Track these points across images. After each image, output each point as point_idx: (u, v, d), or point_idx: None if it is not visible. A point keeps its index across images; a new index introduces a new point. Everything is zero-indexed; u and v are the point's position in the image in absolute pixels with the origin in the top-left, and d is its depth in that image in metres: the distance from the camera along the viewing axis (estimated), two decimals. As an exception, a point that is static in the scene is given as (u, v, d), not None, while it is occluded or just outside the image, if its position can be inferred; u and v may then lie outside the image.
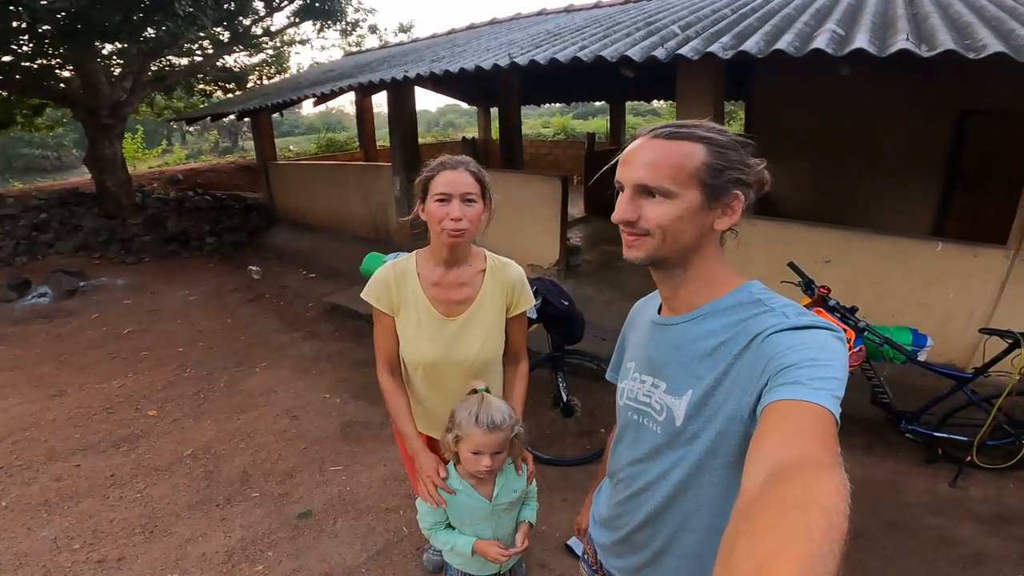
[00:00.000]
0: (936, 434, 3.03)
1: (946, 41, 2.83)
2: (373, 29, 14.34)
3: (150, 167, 14.06)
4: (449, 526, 1.63)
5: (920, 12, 3.75)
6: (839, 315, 2.92)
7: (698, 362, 0.94)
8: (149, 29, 7.59)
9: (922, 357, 2.96)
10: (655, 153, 0.90)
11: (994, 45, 2.68)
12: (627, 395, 1.10)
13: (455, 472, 1.57)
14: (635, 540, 1.09)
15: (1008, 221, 3.63)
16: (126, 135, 11.29)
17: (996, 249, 3.52)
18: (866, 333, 2.92)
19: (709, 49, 3.33)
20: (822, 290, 3.01)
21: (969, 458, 2.93)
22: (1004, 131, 5.04)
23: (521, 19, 8.84)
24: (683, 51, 3.42)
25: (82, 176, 11.54)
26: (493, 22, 9.38)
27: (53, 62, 8.18)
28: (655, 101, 13.52)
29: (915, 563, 2.46)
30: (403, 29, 15.41)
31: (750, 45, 3.24)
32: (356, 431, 3.61)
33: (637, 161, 0.92)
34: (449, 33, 9.99)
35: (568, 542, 2.53)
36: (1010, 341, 2.78)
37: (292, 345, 5.06)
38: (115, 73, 9.00)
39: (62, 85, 8.70)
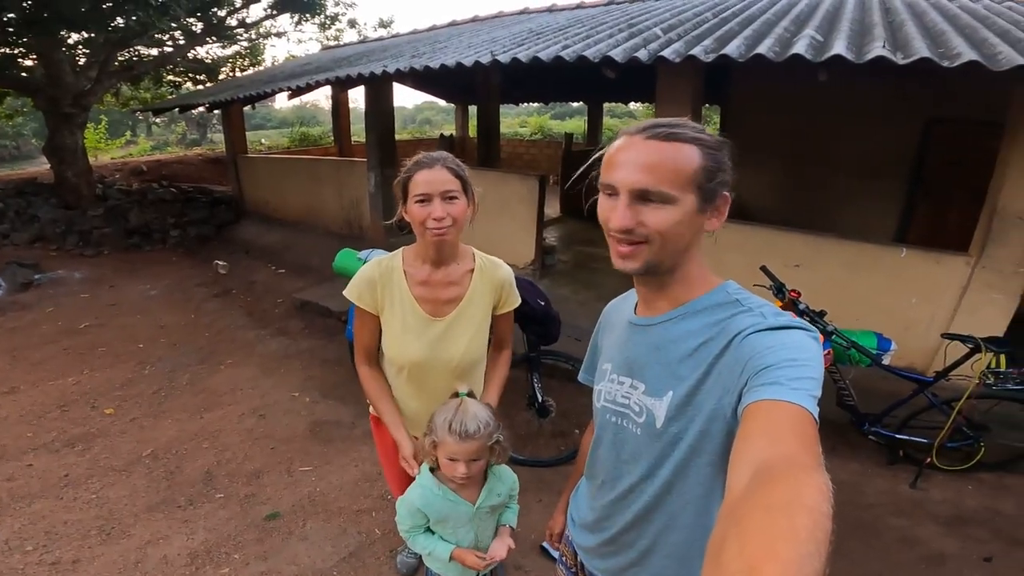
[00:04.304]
0: (898, 436, 3.11)
1: (921, 49, 2.90)
2: (352, 23, 14.16)
3: (113, 158, 13.61)
4: (428, 530, 1.59)
5: (896, 20, 3.85)
6: (808, 319, 2.97)
7: (679, 363, 0.93)
8: (119, 18, 7.33)
9: (886, 361, 3.03)
10: (653, 155, 0.86)
11: (968, 53, 2.76)
12: (605, 397, 1.08)
13: (433, 478, 1.53)
14: (622, 541, 1.08)
15: (970, 229, 3.76)
16: (88, 125, 10.90)
17: (958, 256, 3.63)
18: (834, 337, 2.98)
19: (691, 52, 3.35)
20: (792, 294, 3.06)
21: (929, 460, 3.01)
22: (967, 140, 5.21)
23: (504, 17, 8.82)
24: (665, 53, 3.44)
25: (41, 166, 11.11)
26: (475, 19, 9.34)
27: (16, 51, 7.84)
28: (632, 103, 13.65)
29: (878, 564, 2.51)
30: (383, 24, 15.21)
31: (731, 49, 3.27)
32: (326, 431, 3.53)
33: (633, 164, 0.87)
34: (430, 29, 9.91)
35: (543, 543, 2.51)
36: (971, 346, 2.87)
37: (260, 342, 4.93)
38: (80, 62, 8.67)
39: (23, 74, 8.35)
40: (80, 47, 8.69)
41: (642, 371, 0.99)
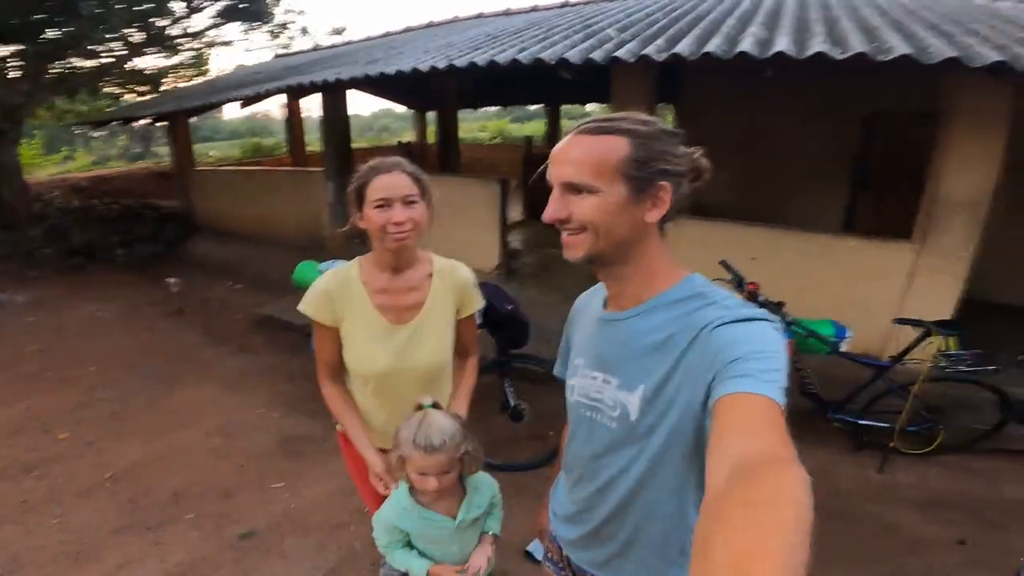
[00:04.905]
0: (860, 422, 3.20)
1: (857, 44, 3.03)
2: (304, 31, 13.89)
3: (51, 175, 12.96)
4: (408, 544, 1.55)
5: (832, 15, 4.01)
6: (768, 311, 3.05)
7: (647, 356, 0.95)
8: (49, 31, 6.99)
9: (844, 348, 3.15)
10: (579, 150, 0.91)
11: (900, 47, 2.90)
12: (578, 392, 1.10)
13: (411, 498, 1.49)
14: (603, 533, 1.10)
15: (912, 217, 3.95)
16: (23, 141, 10.35)
17: (903, 243, 3.80)
18: (793, 327, 3.08)
19: (644, 52, 3.43)
20: (752, 286, 3.15)
21: (892, 444, 3.10)
22: (905, 132, 5.46)
23: (459, 22, 8.81)
24: (619, 53, 3.51)
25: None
26: (430, 25, 9.30)
27: None
28: (589, 104, 13.82)
29: (859, 551, 2.56)
30: (336, 32, 15.00)
31: (682, 48, 3.36)
32: (297, 446, 3.44)
33: (561, 158, 0.93)
34: (385, 36, 9.82)
35: (527, 548, 2.50)
36: (922, 330, 2.99)
37: (220, 360, 4.77)
38: (10, 75, 8.23)
39: None
40: (10, 60, 8.26)
41: (613, 366, 1.01)
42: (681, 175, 0.93)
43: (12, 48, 7.83)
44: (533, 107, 19.08)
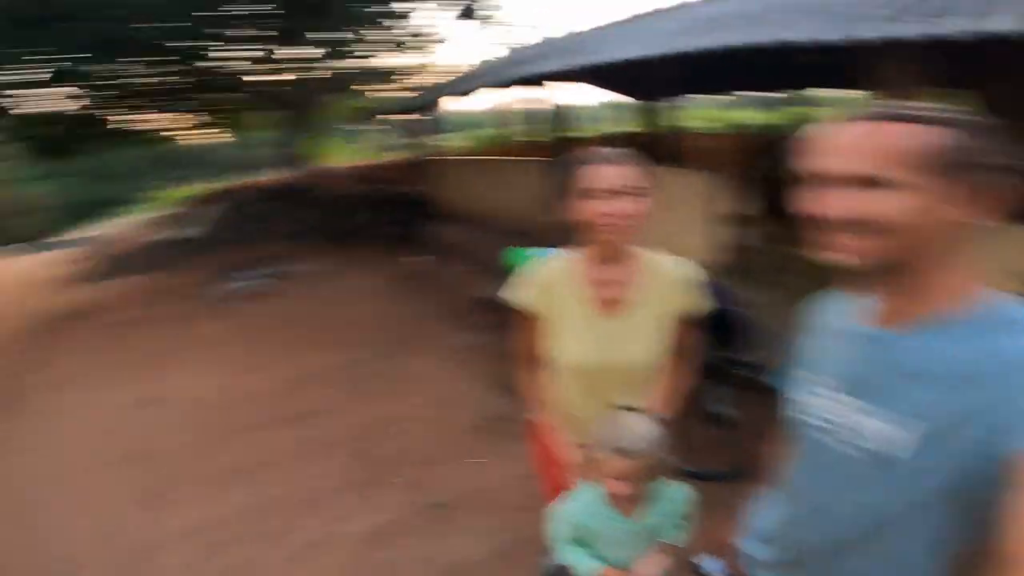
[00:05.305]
0: None
1: None
2: (525, 26, 14.50)
3: (340, 164, 15.62)
4: (579, 542, 1.53)
5: None
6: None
7: (928, 387, 0.79)
8: (314, 34, 8.25)
9: None
10: (874, 138, 0.76)
11: None
12: (809, 410, 0.96)
13: (596, 493, 1.47)
14: (813, 564, 0.97)
15: None
16: (318, 135, 12.60)
17: None
18: None
19: (931, 31, 2.80)
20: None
21: None
22: None
23: (689, 6, 8.38)
24: (894, 32, 2.93)
25: (281, 175, 13.19)
26: (657, 11, 9.03)
27: (269, 66, 9.38)
28: (832, 91, 12.09)
29: None
30: (558, 25, 15.28)
31: (994, 23, 2.65)
32: (497, 425, 3.63)
33: (850, 148, 0.78)
34: (611, 24, 9.81)
35: (700, 562, 2.33)
36: None
37: (445, 335, 5.26)
38: (308, 76, 10.07)
39: (279, 88, 9.98)
40: (297, 61, 10.07)
41: (872, 391, 0.85)
42: (1002, 172, 0.76)
43: (302, 51, 9.58)
44: (767, 95, 17.23)
